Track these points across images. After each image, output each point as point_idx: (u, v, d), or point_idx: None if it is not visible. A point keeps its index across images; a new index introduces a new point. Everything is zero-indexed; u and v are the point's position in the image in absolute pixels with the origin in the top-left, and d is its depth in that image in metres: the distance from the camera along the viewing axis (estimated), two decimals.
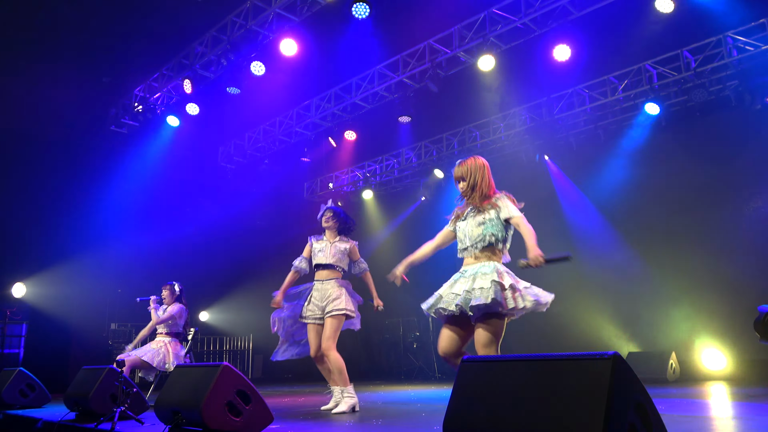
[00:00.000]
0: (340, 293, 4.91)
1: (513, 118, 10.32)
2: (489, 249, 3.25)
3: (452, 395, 2.18)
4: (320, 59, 8.91)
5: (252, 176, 11.86)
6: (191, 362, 6.16)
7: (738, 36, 7.71)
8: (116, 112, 10.43)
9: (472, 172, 3.39)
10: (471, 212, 3.37)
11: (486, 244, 3.25)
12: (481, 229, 3.26)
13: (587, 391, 1.78)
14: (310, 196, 13.55)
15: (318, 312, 4.93)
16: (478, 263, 3.23)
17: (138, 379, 7.25)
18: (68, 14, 8.05)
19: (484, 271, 3.15)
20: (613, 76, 8.99)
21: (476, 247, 3.26)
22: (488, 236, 3.24)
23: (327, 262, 5.01)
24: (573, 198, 10.19)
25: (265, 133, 11.34)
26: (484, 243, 3.25)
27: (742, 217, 8.51)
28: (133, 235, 10.00)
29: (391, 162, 12.18)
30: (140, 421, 4.06)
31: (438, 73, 8.50)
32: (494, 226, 3.26)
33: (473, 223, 3.31)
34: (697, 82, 8.09)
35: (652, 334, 9.01)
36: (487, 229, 3.25)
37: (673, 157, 9.29)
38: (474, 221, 3.31)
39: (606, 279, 9.63)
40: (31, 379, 5.76)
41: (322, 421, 4.34)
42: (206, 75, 9.05)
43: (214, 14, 8.38)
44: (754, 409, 4.56)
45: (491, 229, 3.25)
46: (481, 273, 3.15)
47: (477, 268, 3.20)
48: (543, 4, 7.41)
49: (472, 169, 3.40)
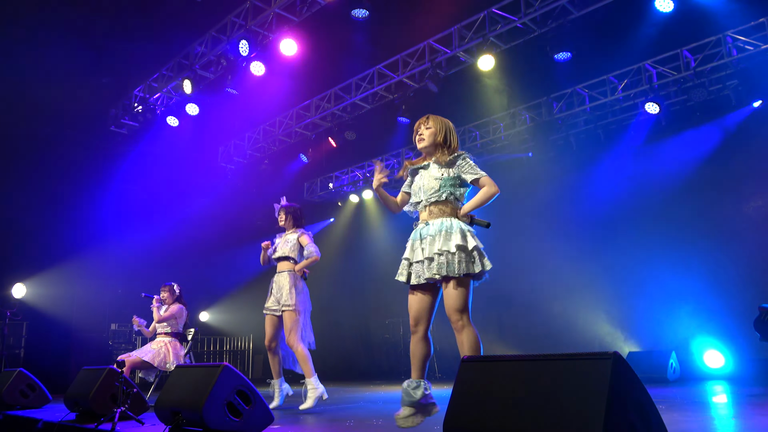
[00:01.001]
0: (290, 286, 5.12)
1: (513, 118, 10.32)
2: (443, 203, 3.16)
3: (452, 395, 2.19)
4: (320, 59, 8.90)
5: (252, 176, 11.86)
6: (191, 362, 6.16)
7: (738, 35, 7.72)
8: (116, 112, 10.44)
9: (442, 126, 3.30)
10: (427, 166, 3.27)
11: (439, 200, 3.15)
12: (438, 184, 3.16)
13: (587, 390, 1.77)
14: (310, 196, 13.56)
15: (276, 305, 5.15)
16: (438, 219, 3.13)
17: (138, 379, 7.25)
18: (68, 14, 8.04)
19: (448, 229, 3.06)
20: (613, 75, 9.00)
21: (429, 200, 3.17)
22: (444, 194, 3.15)
23: (277, 256, 5.31)
24: (573, 197, 10.18)
25: (265, 133, 11.33)
26: (439, 197, 3.15)
27: (742, 217, 8.51)
28: (133, 236, 10.00)
29: (391, 162, 12.18)
30: (140, 422, 4.06)
31: (438, 73, 8.50)
32: (453, 185, 3.17)
33: (428, 177, 3.21)
34: (697, 81, 8.09)
35: (652, 334, 9.01)
36: (445, 186, 3.16)
37: (673, 156, 9.29)
38: (430, 175, 3.21)
39: (606, 278, 9.63)
40: (31, 379, 5.75)
41: (322, 422, 4.33)
42: (206, 75, 9.06)
43: (214, 14, 8.38)
44: (754, 409, 4.56)
45: (449, 188, 3.16)
46: (445, 230, 3.06)
47: (438, 225, 3.10)
48: (543, 4, 7.41)
49: (441, 124, 3.30)
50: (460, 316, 3.02)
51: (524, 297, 10.07)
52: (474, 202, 3.14)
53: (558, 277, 10.24)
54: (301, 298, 5.15)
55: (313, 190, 13.54)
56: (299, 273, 5.16)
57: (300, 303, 5.11)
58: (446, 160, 3.21)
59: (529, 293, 10.10)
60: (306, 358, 5.00)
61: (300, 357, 5.00)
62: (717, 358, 8.18)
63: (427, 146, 3.30)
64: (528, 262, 10.57)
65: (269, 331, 5.19)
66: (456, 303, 3.02)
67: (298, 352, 4.99)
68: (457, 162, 3.21)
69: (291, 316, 5.03)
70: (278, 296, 5.15)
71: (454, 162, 3.21)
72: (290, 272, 5.20)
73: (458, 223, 3.10)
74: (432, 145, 3.29)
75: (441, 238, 3.05)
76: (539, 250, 10.58)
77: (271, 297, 5.22)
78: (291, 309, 5.03)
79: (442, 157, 3.24)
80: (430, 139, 3.28)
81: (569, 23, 7.40)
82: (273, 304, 5.17)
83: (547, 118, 9.60)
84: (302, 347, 5.01)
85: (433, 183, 3.18)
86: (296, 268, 5.19)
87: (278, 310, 5.13)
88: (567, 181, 10.38)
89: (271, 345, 5.18)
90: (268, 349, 5.21)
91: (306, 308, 5.20)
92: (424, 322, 3.18)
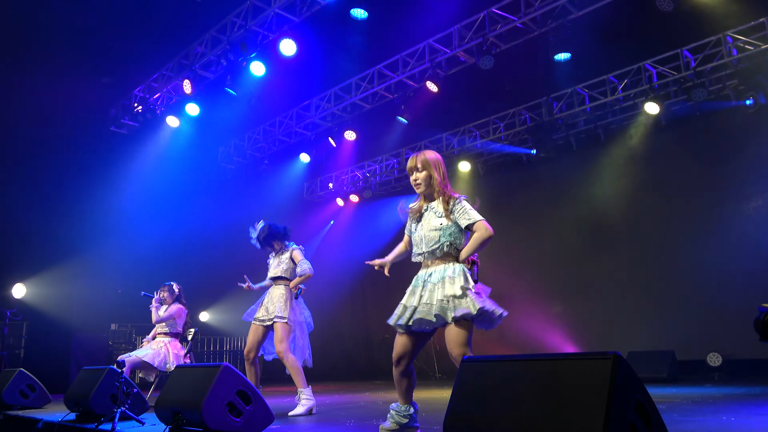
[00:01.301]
0: (283, 299, 5.08)
1: (513, 118, 10.33)
2: (444, 253, 3.15)
3: (452, 395, 2.19)
4: (320, 59, 8.91)
5: (252, 176, 11.86)
6: (191, 362, 6.16)
7: (737, 35, 7.72)
8: (116, 112, 10.43)
9: (432, 167, 3.26)
10: (426, 213, 3.26)
11: (441, 253, 3.15)
12: (437, 235, 3.15)
13: (587, 390, 1.77)
14: (310, 196, 13.55)
15: (265, 314, 5.09)
16: (441, 266, 3.13)
17: (138, 379, 7.26)
18: (68, 14, 8.04)
19: (451, 275, 3.05)
20: (613, 75, 9.00)
21: (434, 254, 3.17)
22: (445, 245, 3.14)
23: (271, 276, 5.30)
24: (573, 197, 10.18)
25: (265, 133, 11.34)
26: (440, 253, 3.15)
27: (742, 216, 8.51)
28: (133, 236, 9.99)
29: (391, 162, 12.18)
30: (140, 422, 4.06)
31: (438, 73, 8.50)
32: (452, 234, 3.15)
33: (428, 227, 3.19)
34: (697, 81, 8.09)
35: (652, 334, 9.00)
36: (444, 236, 3.14)
37: (673, 156, 9.29)
38: (429, 225, 3.20)
39: (605, 278, 9.64)
40: (31, 379, 5.75)
41: (322, 422, 4.34)
42: (206, 75, 9.06)
43: (214, 14, 8.38)
44: (754, 409, 4.56)
45: (448, 238, 3.15)
46: (448, 277, 3.05)
47: (442, 272, 3.10)
48: (542, 4, 7.41)
49: (430, 164, 3.27)
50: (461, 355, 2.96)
51: (524, 297, 10.06)
52: (468, 249, 3.09)
53: (558, 277, 10.25)
54: (295, 312, 5.09)
55: (313, 190, 13.53)
56: (294, 290, 5.08)
57: (293, 317, 5.05)
58: (444, 209, 3.21)
59: (529, 293, 10.10)
60: (297, 369, 4.94)
61: (291, 368, 4.94)
62: (716, 358, 8.17)
63: (424, 191, 3.30)
64: (528, 262, 10.57)
65: (251, 339, 5.09)
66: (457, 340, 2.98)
67: (288, 362, 4.93)
68: (454, 209, 3.19)
69: (284, 327, 4.97)
70: (270, 307, 5.08)
71: (452, 210, 3.19)
72: (286, 287, 5.16)
73: (460, 267, 3.08)
74: (428, 188, 3.28)
75: (444, 285, 3.04)
76: (539, 250, 10.58)
77: (261, 308, 5.15)
78: (284, 321, 4.97)
79: (439, 205, 3.24)
80: (425, 184, 3.27)
81: (569, 23, 7.40)
82: (263, 314, 5.09)
83: (547, 118, 9.60)
84: (292, 358, 4.95)
85: (432, 234, 3.18)
86: (291, 285, 5.12)
87: (267, 320, 5.05)
88: (567, 181, 10.38)
89: (249, 354, 5.07)
90: (246, 358, 5.10)
91: (299, 324, 5.13)
92: (407, 358, 3.19)
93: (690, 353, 8.47)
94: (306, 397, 4.91)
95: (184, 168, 10.87)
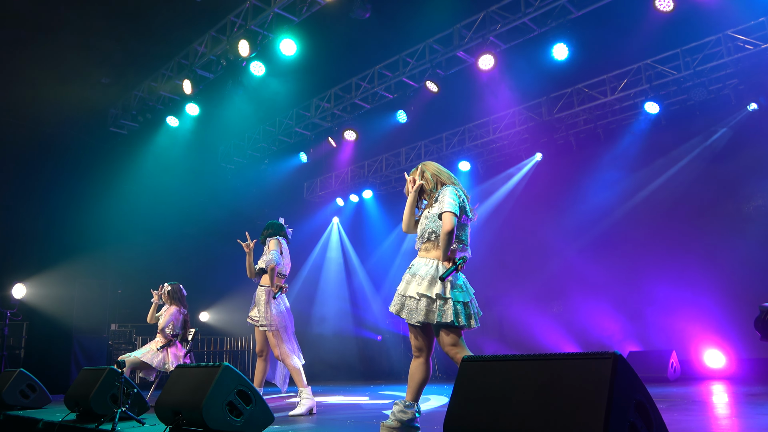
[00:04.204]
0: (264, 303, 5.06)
1: (513, 118, 10.32)
2: (430, 243, 3.14)
3: (452, 395, 2.19)
4: (320, 59, 8.89)
5: (252, 176, 11.86)
6: (191, 362, 6.15)
7: (737, 35, 7.71)
8: (116, 112, 10.43)
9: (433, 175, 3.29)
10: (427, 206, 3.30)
11: (425, 240, 3.15)
12: (425, 223, 3.18)
13: (588, 390, 1.78)
14: (310, 196, 13.55)
15: (256, 316, 5.12)
16: (422, 260, 3.13)
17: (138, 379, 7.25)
18: (68, 14, 8.04)
19: (422, 273, 3.05)
20: (613, 75, 8.99)
21: (420, 240, 3.18)
22: (427, 232, 3.14)
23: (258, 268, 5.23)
24: (573, 197, 10.18)
25: (265, 133, 11.33)
26: (424, 239, 3.15)
27: (742, 216, 8.51)
28: (133, 236, 9.99)
29: (391, 162, 12.18)
30: (141, 422, 4.06)
31: (438, 73, 8.50)
32: (435, 221, 3.12)
33: (423, 216, 3.24)
34: (697, 80, 8.09)
35: (652, 334, 9.01)
36: (430, 224, 3.14)
37: (673, 155, 9.29)
38: (424, 213, 3.24)
39: (605, 278, 9.63)
40: (31, 379, 5.75)
41: (322, 422, 4.33)
42: (206, 75, 9.05)
43: (214, 14, 8.37)
44: (754, 409, 4.56)
45: (432, 225, 3.13)
46: (431, 276, 3.02)
47: (419, 265, 3.09)
48: (542, 4, 7.40)
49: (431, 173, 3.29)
50: (454, 352, 3.00)
51: (524, 297, 10.07)
52: (441, 248, 3.04)
53: (558, 277, 10.25)
54: (275, 313, 5.05)
55: (313, 190, 13.53)
56: (274, 290, 5.02)
57: (276, 320, 5.02)
58: (434, 197, 3.21)
59: (529, 293, 10.10)
60: (297, 371, 4.96)
61: (291, 370, 4.98)
62: (717, 358, 8.18)
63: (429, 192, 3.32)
64: (528, 262, 10.57)
65: (256, 338, 5.19)
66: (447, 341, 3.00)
67: (288, 365, 4.96)
68: (438, 196, 3.17)
69: (270, 334, 5.00)
70: (256, 310, 5.12)
71: (437, 197, 3.18)
72: (266, 288, 5.11)
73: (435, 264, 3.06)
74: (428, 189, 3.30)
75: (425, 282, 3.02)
76: (539, 250, 10.58)
77: (253, 308, 5.20)
78: (266, 329, 4.99)
79: (431, 196, 3.25)
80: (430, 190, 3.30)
81: (569, 22, 7.40)
82: (255, 315, 5.15)
83: (547, 118, 9.60)
84: (291, 360, 4.97)
85: (422, 222, 3.21)
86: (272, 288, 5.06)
87: (258, 324, 5.10)
88: (567, 180, 10.38)
89: (262, 352, 5.15)
90: (258, 355, 5.17)
91: (284, 323, 5.09)
92: (426, 350, 3.18)
93: (690, 352, 8.47)
94: (306, 396, 4.91)
95: (184, 168, 10.87)
